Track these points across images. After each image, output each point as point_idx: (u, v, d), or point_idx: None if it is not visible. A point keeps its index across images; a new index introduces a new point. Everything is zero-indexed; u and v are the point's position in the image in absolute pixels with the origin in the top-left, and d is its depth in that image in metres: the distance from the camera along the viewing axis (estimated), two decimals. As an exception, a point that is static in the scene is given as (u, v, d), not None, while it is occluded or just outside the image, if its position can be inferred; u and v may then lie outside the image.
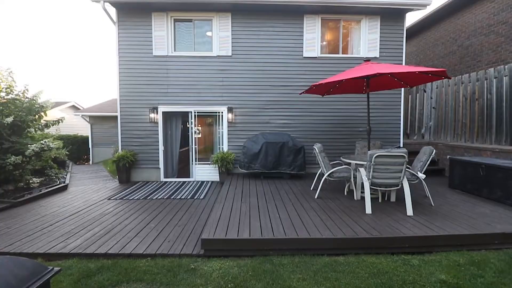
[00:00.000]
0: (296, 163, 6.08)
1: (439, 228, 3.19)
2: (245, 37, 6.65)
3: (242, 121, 6.80)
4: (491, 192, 4.36)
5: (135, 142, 6.71)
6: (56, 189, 5.66)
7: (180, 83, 6.68)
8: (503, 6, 6.81)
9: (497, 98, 5.41)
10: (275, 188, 5.29)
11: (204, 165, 6.83)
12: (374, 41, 6.71)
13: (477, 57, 7.57)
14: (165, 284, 2.40)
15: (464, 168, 4.91)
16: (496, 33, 7.03)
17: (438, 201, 4.31)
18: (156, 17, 6.52)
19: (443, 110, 6.88)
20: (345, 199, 4.41)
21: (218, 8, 6.46)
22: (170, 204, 4.78)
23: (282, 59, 6.73)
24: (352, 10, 6.54)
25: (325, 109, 6.81)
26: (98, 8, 16.08)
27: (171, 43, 6.65)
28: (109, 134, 13.64)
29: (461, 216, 3.60)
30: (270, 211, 3.84)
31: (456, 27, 8.32)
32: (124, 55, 6.59)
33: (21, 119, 5.49)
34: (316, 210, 3.86)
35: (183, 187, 6.11)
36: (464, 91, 6.24)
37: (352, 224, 3.31)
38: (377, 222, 3.40)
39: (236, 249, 2.93)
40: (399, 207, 3.94)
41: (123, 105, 6.67)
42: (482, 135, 5.78)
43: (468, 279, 2.42)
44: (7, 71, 5.74)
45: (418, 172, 4.11)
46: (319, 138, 6.70)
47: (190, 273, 2.56)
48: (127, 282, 2.45)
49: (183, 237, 3.33)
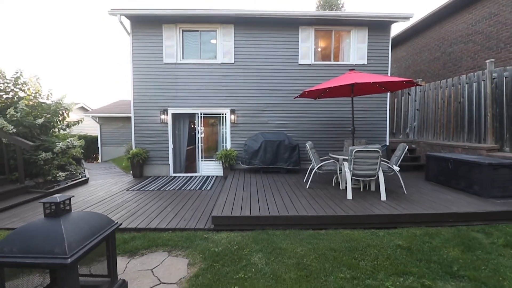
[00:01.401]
0: (291, 159, 6.82)
1: (405, 209, 3.92)
2: (247, 46, 7.39)
3: (243, 121, 7.53)
4: (457, 183, 5.08)
5: (147, 141, 7.45)
6: (79, 182, 6.41)
7: (188, 87, 7.42)
8: (479, 18, 7.54)
9: (468, 101, 6.13)
10: (273, 180, 6.02)
11: (209, 161, 7.57)
12: (363, 49, 7.43)
13: (458, 63, 8.30)
14: (185, 247, 3.13)
15: (437, 163, 5.63)
16: (473, 41, 7.76)
17: (411, 190, 5.03)
18: (166, 29, 7.27)
19: (425, 112, 7.61)
20: (332, 189, 5.14)
21: (222, 21, 7.20)
22: (182, 194, 5.52)
23: (280, 66, 7.46)
24: (342, 22, 7.27)
25: (318, 111, 7.54)
26: (107, 19, 16.36)
27: (180, 51, 7.39)
28: (117, 134, 14.40)
29: (426, 201, 4.32)
30: (267, 198, 4.58)
31: (440, 35, 9.05)
32: (137, 62, 7.33)
33: (48, 120, 6.23)
34: (306, 197, 4.60)
35: (191, 180, 6.84)
36: (442, 95, 6.96)
37: (334, 206, 4.04)
38: (355, 205, 4.13)
39: (239, 224, 3.66)
40: (376, 194, 4.67)
41: (136, 107, 7.41)
42: (457, 134, 6.50)
43: (418, 244, 3.14)
44: (35, 77, 6.50)
45: (393, 165, 4.84)
46: (312, 137, 7.43)
47: (204, 240, 3.29)
48: (156, 246, 3.19)
49: (196, 217, 4.06)
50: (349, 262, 2.72)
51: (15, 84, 6.02)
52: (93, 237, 1.91)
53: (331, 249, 3.01)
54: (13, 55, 61.20)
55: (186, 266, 2.75)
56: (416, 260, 2.78)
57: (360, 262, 2.73)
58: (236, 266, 2.67)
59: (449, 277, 2.50)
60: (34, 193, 5.29)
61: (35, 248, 1.68)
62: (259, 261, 2.77)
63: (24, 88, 6.19)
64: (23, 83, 6.15)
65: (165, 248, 3.14)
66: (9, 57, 59.70)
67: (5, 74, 5.84)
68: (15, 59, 59.65)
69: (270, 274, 2.53)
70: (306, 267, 2.64)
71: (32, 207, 4.67)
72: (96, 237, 1.94)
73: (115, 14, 6.77)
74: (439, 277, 2.50)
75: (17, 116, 5.45)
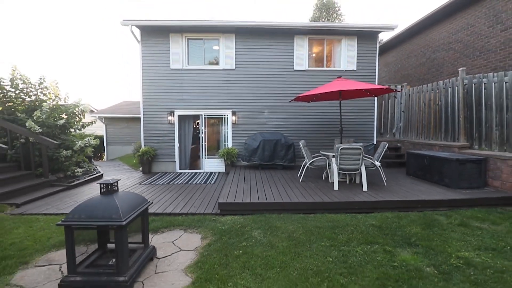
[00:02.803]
0: (287, 156, 7.51)
1: (381, 197, 4.62)
2: (246, 53, 8.07)
3: (243, 122, 8.22)
4: (431, 176, 5.79)
5: (155, 140, 8.12)
6: (95, 177, 7.06)
7: (193, 91, 8.10)
8: (458, 28, 8.27)
9: (445, 105, 6.85)
10: (270, 175, 6.71)
11: (212, 158, 8.26)
12: (352, 56, 8.14)
13: (440, 68, 9.03)
14: (197, 226, 3.82)
15: (415, 159, 6.34)
16: (453, 49, 8.49)
17: (391, 183, 5.74)
18: (173, 37, 7.94)
19: (410, 114, 8.33)
20: (322, 182, 5.84)
21: (224, 30, 7.88)
22: (189, 187, 6.20)
23: (277, 71, 8.16)
24: (334, 32, 7.98)
25: (311, 113, 8.25)
26: (117, 27, 17.23)
27: (185, 58, 8.07)
28: (122, 134, 15.05)
29: (402, 191, 5.03)
30: (265, 189, 5.27)
31: (425, 43, 9.78)
32: (146, 68, 8.00)
33: (67, 121, 6.88)
34: (299, 188, 5.29)
35: (196, 176, 7.52)
36: (424, 98, 7.68)
37: (322, 195, 4.74)
38: (340, 194, 4.83)
39: (241, 209, 4.35)
40: (360, 186, 5.37)
41: (145, 109, 8.08)
42: (435, 134, 7.22)
43: (388, 224, 3.84)
44: (54, 82, 7.15)
45: (375, 161, 5.55)
46: (306, 136, 8.13)
47: (212, 221, 3.98)
48: (173, 226, 3.87)
49: (204, 204, 4.75)
50: (329, 235, 3.42)
51: (38, 89, 6.67)
52: (135, 210, 2.59)
53: (316, 226, 3.70)
54: (16, 55, 61.59)
55: (199, 239, 3.44)
56: (383, 234, 3.48)
57: (339, 235, 3.42)
58: (240, 238, 3.36)
59: (406, 245, 3.20)
60: (57, 186, 5.94)
61: (98, 215, 2.35)
62: (258, 235, 3.46)
63: (46, 92, 6.84)
64: (45, 88, 6.80)
65: (180, 227, 3.83)
66: (20, 57, 60.18)
67: (30, 80, 6.50)
68: (16, 59, 59.98)
69: (267, 243, 3.22)
70: (295, 239, 3.33)
71: (59, 198, 5.33)
72: (137, 210, 2.62)
73: (127, 25, 7.43)
74: (399, 245, 3.20)
75: (42, 118, 6.10)
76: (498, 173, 5.17)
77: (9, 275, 2.66)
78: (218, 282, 2.45)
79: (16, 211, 4.49)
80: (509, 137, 5.30)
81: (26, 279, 2.61)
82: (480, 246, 3.18)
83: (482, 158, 5.33)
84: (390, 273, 2.57)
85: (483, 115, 5.83)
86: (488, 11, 7.34)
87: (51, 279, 2.60)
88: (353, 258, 2.87)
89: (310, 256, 2.90)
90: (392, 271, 2.61)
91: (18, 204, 4.74)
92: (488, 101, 5.70)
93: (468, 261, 2.81)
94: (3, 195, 4.88)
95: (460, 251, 3.04)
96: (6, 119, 6.05)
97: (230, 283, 2.43)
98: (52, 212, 4.45)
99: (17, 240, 3.38)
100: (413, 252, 3.02)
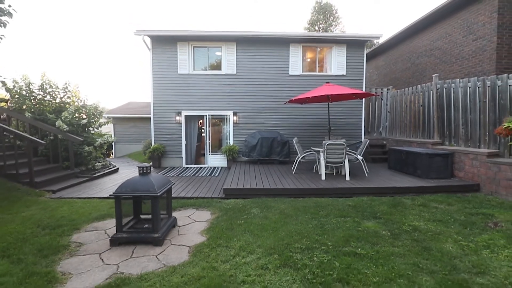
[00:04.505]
0: (283, 152, 8.40)
1: (360, 185, 5.51)
2: (246, 60, 8.95)
3: (244, 122, 9.10)
4: (407, 169, 6.66)
5: (164, 138, 9.00)
6: (112, 171, 7.95)
7: (198, 93, 8.98)
8: (438, 36, 9.15)
9: (423, 106, 7.73)
10: (267, 168, 7.59)
11: (216, 154, 9.14)
12: (342, 62, 9.02)
13: (423, 72, 9.91)
14: (207, 206, 4.70)
15: (395, 154, 7.22)
16: (434, 55, 9.37)
17: (372, 174, 6.61)
18: (180, 45, 8.82)
19: (394, 114, 9.21)
20: (312, 174, 6.73)
21: (226, 39, 8.76)
22: (196, 178, 7.08)
23: (274, 76, 9.03)
24: (325, 41, 8.86)
25: (304, 114, 9.14)
26: (132, 37, 18.57)
27: (191, 64, 8.95)
28: (129, 133, 15.94)
29: (379, 181, 5.91)
30: (262, 179, 6.15)
31: (410, 49, 10.66)
32: (156, 73, 8.88)
33: (88, 121, 7.77)
34: (291, 178, 6.18)
35: (201, 170, 8.40)
36: (406, 100, 8.56)
37: (310, 184, 5.62)
38: (326, 183, 5.71)
39: (242, 194, 5.23)
40: (344, 177, 6.24)
41: (155, 110, 8.96)
42: (415, 132, 8.10)
43: (361, 204, 4.70)
44: (76, 86, 8.03)
45: (358, 155, 6.43)
46: (300, 134, 9.00)
47: (218, 203, 4.86)
48: (186, 206, 4.75)
49: (211, 191, 5.63)
50: (312, 211, 4.30)
51: (63, 92, 7.56)
52: (164, 186, 3.47)
53: (303, 206, 4.58)
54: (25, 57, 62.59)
55: (209, 214, 4.33)
56: (355, 211, 4.36)
57: (320, 212, 4.31)
58: (241, 213, 4.24)
59: (372, 218, 4.08)
60: (82, 177, 6.82)
61: (139, 189, 3.23)
62: (256, 211, 4.35)
63: (69, 95, 7.73)
64: (69, 91, 7.69)
65: (193, 207, 4.71)
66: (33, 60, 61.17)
67: (58, 84, 7.39)
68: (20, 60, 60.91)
69: (263, 216, 4.10)
70: (285, 214, 4.22)
71: (86, 186, 6.22)
72: (165, 187, 3.50)
73: (139, 35, 8.31)
74: (366, 218, 4.08)
75: (69, 118, 6.98)
76: (462, 165, 6.05)
77: (67, 236, 3.55)
78: (226, 239, 3.34)
79: (54, 196, 5.38)
80: (472, 134, 6.18)
81: (81, 238, 3.50)
82: (430, 219, 4.06)
83: (449, 153, 6.21)
84: (354, 234, 3.45)
85: (452, 116, 6.70)
86: (462, 22, 8.22)
87: (100, 239, 3.48)
88: (328, 225, 3.76)
89: (295, 224, 3.78)
90: (356, 233, 3.49)
91: (54, 190, 5.63)
92: (455, 103, 6.58)
93: (416, 228, 3.69)
94: (41, 183, 5.76)
95: (413, 222, 3.92)
96: (37, 119, 6.92)
97: (235, 239, 3.32)
98: (84, 196, 5.35)
99: (65, 214, 4.27)
100: (375, 222, 3.90)
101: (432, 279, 2.49)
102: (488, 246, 3.16)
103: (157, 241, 3.21)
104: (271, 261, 2.80)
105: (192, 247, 3.20)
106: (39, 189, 5.59)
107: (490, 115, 5.72)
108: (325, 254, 2.94)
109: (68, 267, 2.81)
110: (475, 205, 4.68)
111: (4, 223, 3.91)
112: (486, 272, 2.63)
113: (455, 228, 3.69)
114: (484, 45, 7.48)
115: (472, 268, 2.69)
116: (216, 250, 3.06)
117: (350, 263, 2.74)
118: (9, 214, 4.28)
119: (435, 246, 3.13)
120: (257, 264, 2.74)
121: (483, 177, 5.50)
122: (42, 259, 2.93)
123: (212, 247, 3.13)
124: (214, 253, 3.00)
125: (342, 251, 2.99)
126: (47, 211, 4.43)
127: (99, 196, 5.36)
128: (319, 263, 2.75)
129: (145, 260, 2.92)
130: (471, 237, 3.40)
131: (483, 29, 7.53)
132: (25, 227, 3.76)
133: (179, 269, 2.69)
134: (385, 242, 3.26)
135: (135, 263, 2.86)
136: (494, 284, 2.44)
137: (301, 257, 2.87)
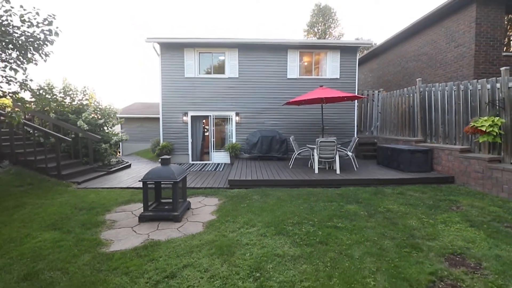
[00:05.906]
0: (281, 150, 9.16)
1: (348, 177, 6.26)
2: (248, 64, 9.71)
3: (245, 121, 9.86)
4: (392, 164, 7.41)
5: (172, 136, 9.77)
6: (125, 166, 8.72)
7: (203, 95, 9.74)
8: (424, 42, 9.90)
9: (409, 107, 8.48)
10: (267, 164, 8.35)
11: (219, 152, 9.91)
12: (336, 67, 9.77)
13: (412, 76, 10.65)
14: (214, 194, 5.46)
15: (382, 151, 7.96)
16: (421, 60, 10.11)
17: (361, 169, 7.36)
18: (187, 51, 9.58)
19: (384, 114, 9.96)
20: (307, 168, 7.49)
21: (229, 46, 9.52)
22: (202, 173, 7.84)
23: (273, 79, 9.79)
24: (320, 47, 9.61)
25: (301, 114, 9.89)
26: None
27: (197, 68, 9.71)
28: (135, 132, 16.69)
29: (365, 174, 6.66)
30: (262, 172, 6.91)
31: (400, 53, 11.41)
32: (165, 77, 9.64)
33: (104, 121, 8.54)
34: (288, 172, 6.94)
35: (206, 166, 9.16)
36: (395, 102, 9.31)
37: (305, 176, 6.38)
38: (319, 175, 6.47)
39: (245, 184, 6.00)
40: (336, 171, 7.00)
41: (164, 110, 9.72)
42: (402, 131, 8.86)
43: (348, 193, 5.46)
44: (92, 89, 8.80)
45: (348, 152, 7.19)
46: (296, 133, 9.74)
47: (224, 191, 5.63)
48: (197, 194, 5.51)
49: (217, 182, 6.40)
50: (305, 198, 5.06)
51: (81, 95, 8.34)
52: (182, 174, 4.24)
53: (297, 194, 5.35)
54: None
55: (217, 200, 5.09)
56: (341, 198, 5.12)
57: (311, 198, 5.07)
58: (244, 199, 5.01)
59: (354, 203, 4.83)
60: (100, 172, 7.59)
61: (162, 176, 3.99)
62: (257, 198, 5.11)
63: (87, 97, 8.50)
64: (86, 93, 8.46)
65: (202, 195, 5.48)
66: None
67: (78, 88, 8.16)
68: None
69: (262, 201, 4.87)
70: (282, 199, 4.98)
71: (106, 179, 6.98)
72: (182, 175, 4.26)
73: (150, 42, 9.08)
74: (349, 203, 4.83)
75: (88, 118, 7.75)
76: (440, 160, 6.80)
77: (102, 215, 4.31)
78: (232, 217, 4.10)
79: (79, 186, 6.15)
80: (449, 133, 6.93)
81: (114, 217, 4.26)
82: (403, 203, 4.81)
83: (428, 149, 6.96)
84: (337, 214, 4.21)
85: (433, 116, 7.45)
86: (446, 30, 8.97)
87: (129, 217, 4.25)
88: (316, 207, 4.52)
89: (289, 207, 4.55)
90: (339, 213, 4.25)
91: (79, 182, 6.40)
92: (436, 105, 7.33)
93: (389, 209, 4.45)
94: (67, 176, 6.53)
95: (388, 205, 4.68)
96: (60, 119, 7.69)
97: (240, 217, 4.08)
98: (106, 186, 6.11)
99: (95, 200, 5.04)
100: (356, 205, 4.66)
101: (392, 242, 3.25)
102: (445, 221, 3.91)
103: (177, 218, 3.98)
104: (269, 231, 3.56)
105: (205, 222, 3.97)
106: (66, 181, 6.36)
107: (463, 115, 6.47)
108: (311, 226, 3.70)
109: (108, 236, 3.57)
110: (445, 193, 5.43)
111: (46, 206, 4.68)
112: (436, 238, 3.39)
113: (422, 210, 4.44)
114: (464, 51, 8.23)
115: (426, 236, 3.45)
116: (225, 224, 3.83)
117: (330, 232, 3.50)
118: (47, 200, 5.05)
119: (401, 222, 3.89)
120: (258, 233, 3.50)
121: (457, 170, 6.25)
122: (87, 230, 3.70)
123: (221, 222, 3.90)
124: (224, 226, 3.77)
125: (326, 225, 3.76)
126: (79, 198, 5.21)
127: (119, 187, 6.13)
128: (306, 232, 3.51)
129: (168, 231, 3.69)
130: (433, 216, 4.16)
131: (463, 37, 8.27)
132: (64, 209, 4.53)
133: (197, 236, 3.45)
134: (361, 219, 4.02)
135: (161, 233, 3.63)
136: (439, 246, 3.20)
137: (292, 228, 3.64)
